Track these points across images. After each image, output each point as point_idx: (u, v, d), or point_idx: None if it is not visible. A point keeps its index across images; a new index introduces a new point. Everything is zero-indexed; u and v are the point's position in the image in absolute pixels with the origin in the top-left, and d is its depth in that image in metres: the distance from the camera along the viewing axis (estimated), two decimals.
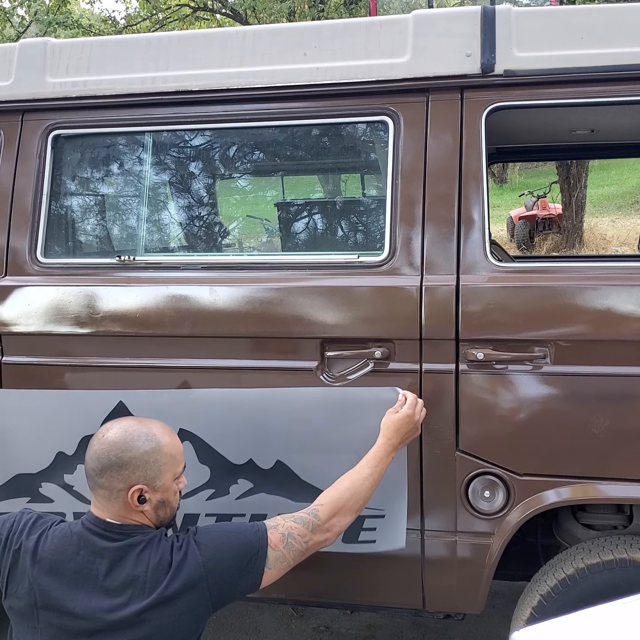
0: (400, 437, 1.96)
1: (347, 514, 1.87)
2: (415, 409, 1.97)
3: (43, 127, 2.39)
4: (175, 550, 1.72)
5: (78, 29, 12.16)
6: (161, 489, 1.75)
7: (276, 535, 1.77)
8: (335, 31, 2.21)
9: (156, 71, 2.30)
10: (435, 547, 2.14)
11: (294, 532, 1.79)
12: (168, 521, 1.81)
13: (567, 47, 2.06)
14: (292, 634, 3.06)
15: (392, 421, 1.96)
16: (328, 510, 1.84)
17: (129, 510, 1.73)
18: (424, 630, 3.04)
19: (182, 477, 1.83)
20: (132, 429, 1.76)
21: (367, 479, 1.90)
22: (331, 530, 1.84)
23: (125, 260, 2.33)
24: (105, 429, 1.78)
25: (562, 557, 2.10)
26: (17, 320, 2.32)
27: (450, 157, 2.11)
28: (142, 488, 1.72)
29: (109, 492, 1.73)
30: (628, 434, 1.99)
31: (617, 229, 12.93)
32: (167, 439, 1.79)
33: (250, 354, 2.20)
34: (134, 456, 1.72)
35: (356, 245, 2.50)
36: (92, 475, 1.75)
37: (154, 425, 1.80)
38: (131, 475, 1.71)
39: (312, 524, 1.82)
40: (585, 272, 2.09)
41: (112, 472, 1.72)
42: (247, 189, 2.99)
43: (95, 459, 1.74)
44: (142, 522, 1.76)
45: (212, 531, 1.80)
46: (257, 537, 1.77)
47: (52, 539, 1.74)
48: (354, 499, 1.87)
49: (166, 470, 1.75)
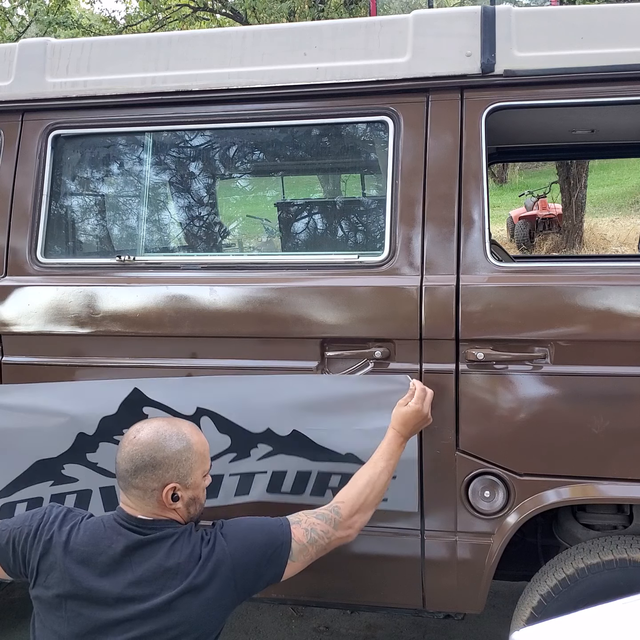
0: (410, 430, 2.00)
1: (367, 509, 1.93)
2: (423, 402, 1.99)
3: (43, 127, 2.39)
4: (204, 542, 1.77)
5: (78, 29, 12.15)
6: (192, 486, 1.80)
7: (299, 530, 1.83)
8: (335, 31, 2.21)
9: (156, 71, 2.30)
10: (435, 547, 2.15)
11: (317, 527, 1.85)
12: (197, 517, 1.86)
13: (567, 47, 2.06)
14: (292, 634, 3.06)
15: (400, 414, 1.99)
16: (349, 508, 1.90)
17: (163, 508, 1.78)
18: (424, 630, 3.04)
19: (209, 474, 1.88)
20: (162, 429, 1.80)
21: (382, 472, 1.95)
22: (353, 527, 1.91)
23: (125, 260, 2.33)
24: (136, 430, 1.82)
25: (562, 557, 2.10)
26: (17, 320, 2.32)
27: (450, 157, 2.11)
28: (176, 486, 1.76)
29: (143, 492, 1.77)
30: (628, 434, 1.99)
31: (617, 229, 12.92)
32: (196, 437, 1.83)
33: (250, 354, 2.20)
34: (167, 455, 1.76)
35: (356, 245, 2.50)
36: (126, 477, 1.78)
37: (183, 424, 1.85)
38: (165, 474, 1.76)
39: (335, 521, 1.88)
40: (585, 272, 2.09)
41: (147, 472, 1.75)
42: (247, 189, 2.99)
43: (128, 460, 1.77)
44: (173, 518, 1.80)
45: (237, 524, 1.85)
46: (282, 530, 1.82)
47: (85, 531, 1.78)
48: (373, 495, 1.94)
49: (197, 468, 1.80)
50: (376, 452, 1.99)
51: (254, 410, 2.13)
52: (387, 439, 2.00)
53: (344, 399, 2.09)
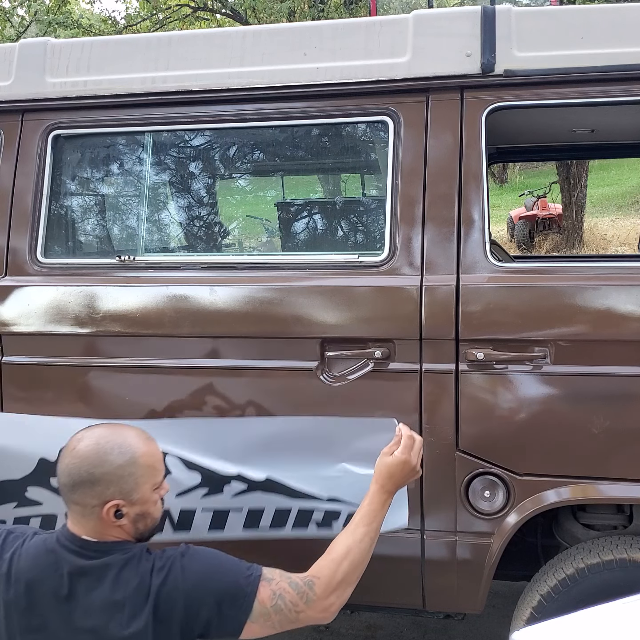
0: (395, 483, 1.80)
1: (346, 587, 1.70)
2: (411, 451, 1.80)
3: (43, 127, 2.39)
4: (155, 571, 1.59)
5: (78, 29, 12.15)
6: (139, 502, 1.62)
7: (267, 591, 1.62)
8: (335, 31, 2.21)
9: (156, 71, 2.30)
10: (435, 547, 2.14)
11: (287, 596, 1.63)
12: (150, 532, 1.69)
13: (567, 47, 2.05)
14: (292, 633, 3.06)
15: (385, 466, 1.79)
16: (324, 586, 1.66)
17: (106, 525, 1.62)
18: (424, 630, 3.04)
19: (164, 483, 1.71)
20: (104, 441, 1.62)
21: (363, 540, 1.73)
22: (329, 609, 1.68)
23: (125, 260, 2.33)
24: (77, 440, 1.65)
25: (562, 557, 2.10)
26: (17, 320, 2.32)
27: (450, 157, 2.11)
28: (119, 503, 1.60)
29: (82, 508, 1.61)
30: (628, 434, 1.99)
31: (617, 229, 12.93)
32: (144, 448, 1.65)
33: (250, 354, 2.20)
34: (106, 471, 1.59)
35: (356, 245, 2.50)
36: (65, 491, 1.64)
37: (129, 433, 1.67)
38: (105, 491, 1.59)
39: (307, 597, 1.65)
40: (585, 272, 2.09)
41: (85, 489, 1.59)
42: (247, 189, 2.99)
43: (66, 474, 1.62)
44: (120, 538, 1.64)
45: (202, 558, 1.65)
46: (248, 582, 1.62)
47: (27, 556, 1.62)
48: (352, 568, 1.70)
49: (143, 482, 1.63)
50: (357, 514, 1.78)
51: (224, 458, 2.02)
52: (369, 498, 1.78)
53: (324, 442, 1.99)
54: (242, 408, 2.20)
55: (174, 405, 2.24)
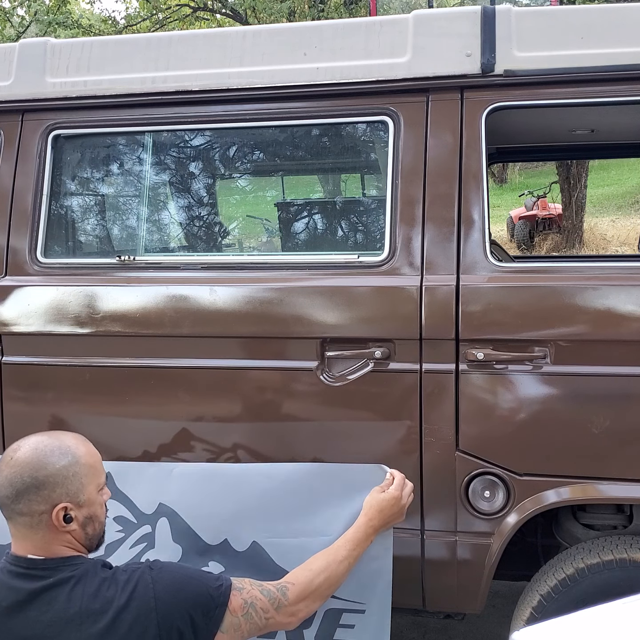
0: (383, 520, 1.84)
1: (317, 599, 1.73)
2: (403, 491, 1.87)
3: (43, 127, 2.39)
4: (120, 585, 1.54)
5: (78, 29, 12.16)
6: (86, 504, 1.59)
7: (238, 600, 1.61)
8: (335, 31, 2.21)
9: (156, 71, 2.30)
10: (435, 547, 2.14)
11: (258, 603, 1.63)
12: (98, 538, 1.65)
13: (567, 47, 2.06)
14: None
15: (376, 500, 1.84)
16: (298, 592, 1.69)
17: (55, 534, 1.56)
18: (424, 630, 3.04)
19: (106, 487, 1.67)
20: (42, 445, 1.58)
21: (342, 562, 1.76)
22: (296, 615, 1.70)
23: (125, 260, 2.33)
24: (12, 450, 1.59)
25: (562, 557, 2.10)
26: (17, 320, 2.32)
27: (450, 157, 2.11)
28: (67, 506, 1.55)
29: (30, 518, 1.54)
30: (628, 434, 1.99)
31: (617, 229, 12.93)
32: (83, 448, 1.62)
33: (250, 354, 2.20)
34: (50, 473, 1.54)
35: (356, 245, 2.50)
36: (7, 504, 1.55)
37: (65, 437, 1.64)
38: (51, 494, 1.54)
39: (279, 602, 1.66)
40: (585, 272, 2.09)
41: (30, 495, 1.53)
42: (247, 189, 2.99)
43: (7, 484, 1.54)
44: (70, 547, 1.58)
45: (172, 571, 1.61)
46: (219, 592, 1.60)
47: None
48: (327, 584, 1.73)
49: (88, 483, 1.59)
50: (340, 539, 1.81)
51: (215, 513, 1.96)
52: (356, 526, 1.81)
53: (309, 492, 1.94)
54: (242, 408, 2.20)
55: (174, 405, 2.24)
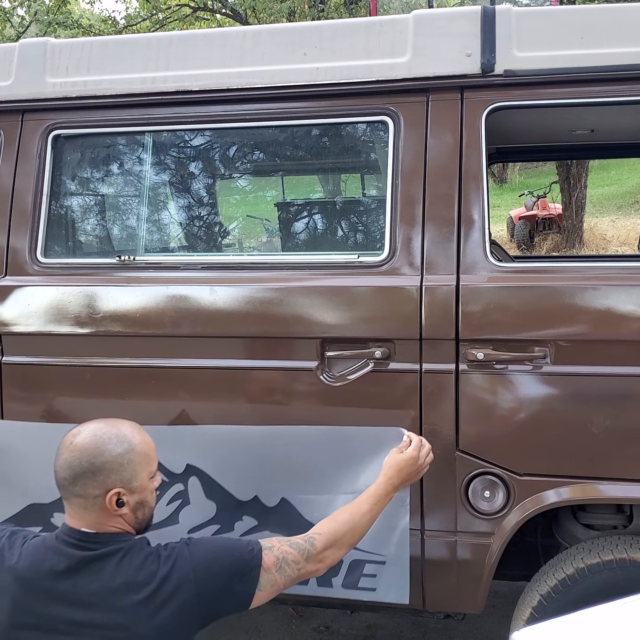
0: (402, 479, 1.92)
1: (342, 547, 1.83)
2: (420, 451, 1.94)
3: (43, 127, 2.39)
4: (162, 559, 1.65)
5: (78, 29, 12.15)
6: (138, 490, 1.68)
7: (270, 558, 1.72)
8: (335, 31, 2.21)
9: (156, 71, 2.30)
10: (435, 547, 2.14)
11: (289, 557, 1.74)
12: (147, 522, 1.75)
13: (567, 47, 2.06)
14: (292, 634, 3.06)
15: (395, 461, 1.92)
16: (325, 541, 1.79)
17: (108, 516, 1.66)
18: (424, 630, 3.04)
19: (157, 474, 1.77)
20: (101, 432, 1.68)
21: (365, 515, 1.86)
22: (323, 561, 1.80)
23: (125, 260, 2.33)
24: (72, 435, 1.69)
25: (562, 557, 2.10)
26: (17, 320, 2.32)
27: (450, 157, 2.11)
28: (120, 491, 1.65)
29: (84, 500, 1.65)
30: (628, 434, 1.99)
31: (617, 229, 12.93)
32: (139, 437, 1.72)
33: (250, 354, 2.20)
34: (107, 460, 1.65)
35: (356, 245, 2.50)
36: (65, 485, 1.66)
37: (123, 425, 1.73)
38: (106, 479, 1.64)
39: (308, 552, 1.76)
40: (585, 272, 2.09)
41: (86, 479, 1.64)
42: (247, 189, 2.99)
43: (66, 467, 1.66)
44: (120, 528, 1.69)
45: (206, 543, 1.73)
46: (251, 555, 1.71)
47: (26, 555, 1.66)
48: (351, 534, 1.84)
49: (141, 470, 1.69)
50: (363, 494, 1.91)
51: (244, 470, 2.06)
52: (376, 484, 1.91)
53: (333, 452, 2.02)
54: (242, 408, 2.20)
55: (174, 405, 2.24)
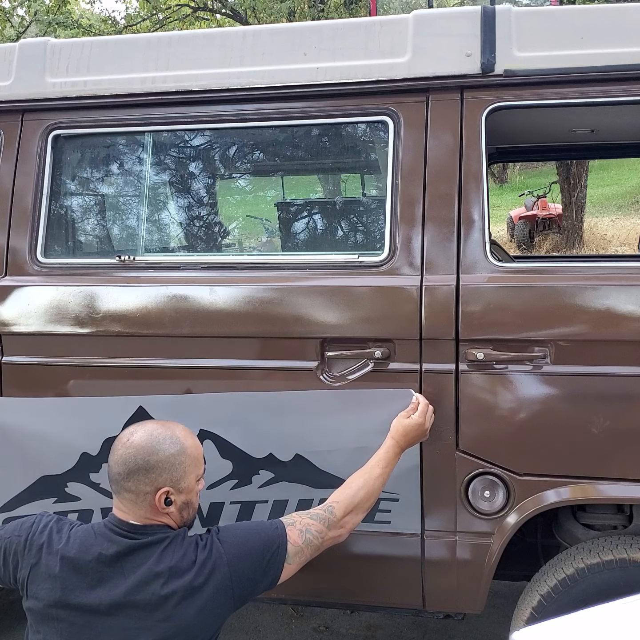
0: (408, 442, 2.02)
1: (359, 511, 1.94)
2: (426, 416, 2.01)
3: (43, 127, 2.39)
4: (200, 548, 1.75)
5: (78, 29, 12.14)
6: (185, 491, 1.78)
7: (294, 532, 1.83)
8: (335, 31, 2.21)
9: (156, 71, 2.30)
10: (435, 547, 2.15)
11: (312, 528, 1.85)
12: (190, 522, 1.85)
13: (567, 47, 2.05)
14: (292, 634, 3.06)
15: (402, 425, 2.00)
16: (344, 508, 1.91)
17: (155, 512, 1.76)
18: (424, 630, 3.04)
19: (202, 478, 1.87)
20: (156, 432, 1.79)
21: (377, 479, 1.96)
22: (345, 526, 1.91)
23: (125, 260, 2.33)
24: (129, 433, 1.80)
25: (562, 557, 2.10)
26: (17, 320, 2.32)
27: (450, 157, 2.11)
28: (169, 490, 1.75)
29: (135, 496, 1.75)
30: (628, 434, 1.99)
31: (617, 229, 12.93)
32: (190, 441, 1.82)
33: (250, 354, 2.20)
34: (160, 459, 1.75)
35: (356, 245, 2.49)
36: (118, 480, 1.76)
37: (177, 428, 1.83)
38: (158, 478, 1.74)
39: (329, 521, 1.88)
40: (585, 272, 2.09)
41: (139, 476, 1.74)
42: (247, 189, 2.99)
43: (121, 463, 1.76)
44: (165, 523, 1.79)
45: (233, 530, 1.84)
46: (277, 533, 1.81)
47: (75, 539, 1.76)
48: (366, 498, 1.94)
49: (190, 472, 1.79)
50: (372, 459, 2.00)
51: (257, 432, 2.13)
52: (385, 447, 2.01)
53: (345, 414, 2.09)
54: None
55: None
